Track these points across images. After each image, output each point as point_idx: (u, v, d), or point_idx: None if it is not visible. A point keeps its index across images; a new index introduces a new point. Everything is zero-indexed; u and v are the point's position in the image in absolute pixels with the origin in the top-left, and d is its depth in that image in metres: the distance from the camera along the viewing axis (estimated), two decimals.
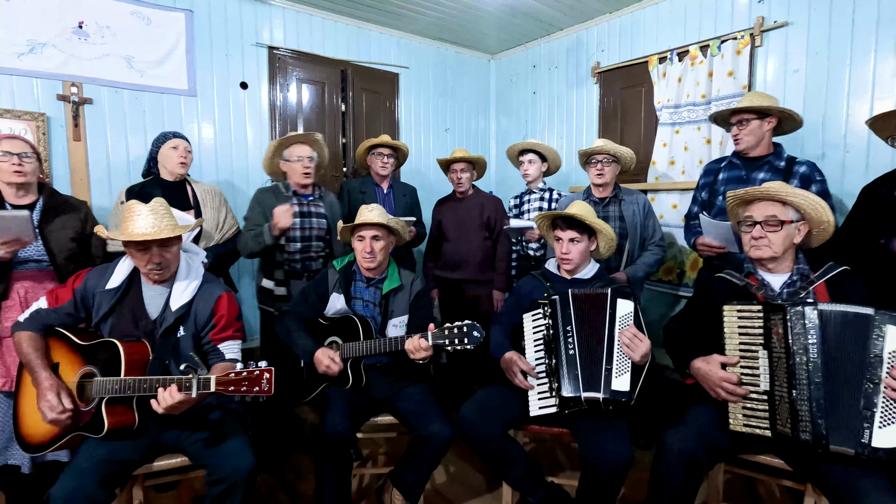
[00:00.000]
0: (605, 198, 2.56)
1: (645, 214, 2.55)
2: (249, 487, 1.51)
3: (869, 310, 1.38)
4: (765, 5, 2.71)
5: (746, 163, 2.23)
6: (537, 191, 2.94)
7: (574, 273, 2.00)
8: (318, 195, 2.49)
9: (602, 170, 2.50)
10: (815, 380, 1.39)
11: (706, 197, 2.36)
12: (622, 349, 1.69)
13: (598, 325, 1.75)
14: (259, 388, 1.36)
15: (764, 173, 2.16)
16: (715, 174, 2.34)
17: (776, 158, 2.17)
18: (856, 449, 1.33)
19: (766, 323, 1.49)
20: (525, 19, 3.58)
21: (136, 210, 1.58)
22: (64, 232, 1.97)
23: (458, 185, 2.92)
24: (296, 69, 3.36)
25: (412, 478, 1.87)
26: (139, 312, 1.64)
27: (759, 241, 1.62)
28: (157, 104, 2.90)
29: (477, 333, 1.71)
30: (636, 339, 1.67)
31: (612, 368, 1.68)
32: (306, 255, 2.42)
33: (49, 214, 1.96)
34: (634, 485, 2.16)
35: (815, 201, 1.61)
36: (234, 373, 1.37)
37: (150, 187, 2.27)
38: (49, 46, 2.57)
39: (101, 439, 1.49)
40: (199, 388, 1.37)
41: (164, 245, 1.59)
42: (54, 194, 2.05)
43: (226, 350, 1.65)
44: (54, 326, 1.64)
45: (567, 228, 1.96)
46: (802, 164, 2.13)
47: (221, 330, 1.66)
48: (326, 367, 1.83)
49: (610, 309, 1.74)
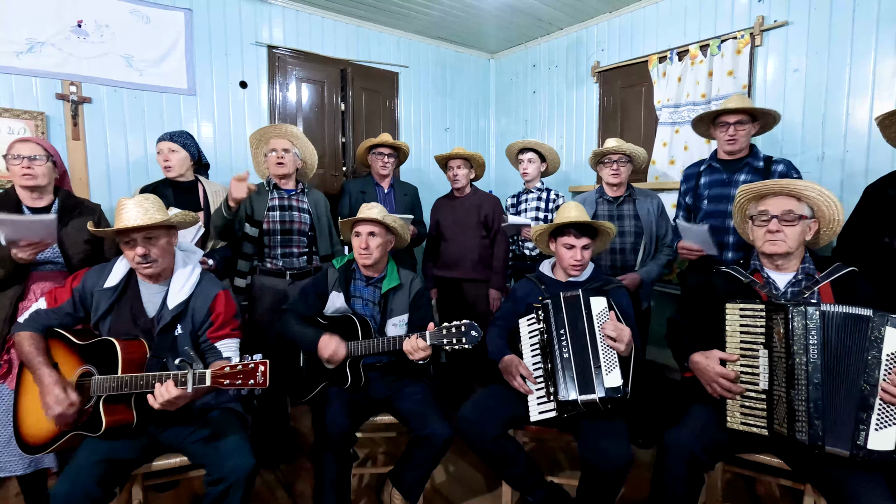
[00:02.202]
0: (619, 197, 2.57)
1: (659, 214, 2.57)
2: (249, 487, 1.50)
3: (867, 311, 1.37)
4: (765, 5, 2.71)
5: (726, 165, 2.26)
6: (535, 190, 2.94)
7: (569, 275, 2.01)
8: (300, 189, 2.48)
9: (618, 170, 2.51)
10: (814, 380, 1.39)
11: (690, 202, 2.38)
12: (605, 343, 1.70)
13: (582, 327, 1.75)
14: (254, 380, 1.35)
15: (745, 174, 2.19)
16: (696, 178, 2.37)
17: (754, 159, 2.20)
18: (851, 451, 1.33)
19: (768, 322, 1.48)
20: (525, 18, 3.58)
21: (122, 204, 1.58)
22: (80, 234, 1.97)
23: (454, 181, 2.92)
24: (295, 68, 3.36)
25: (411, 477, 1.86)
26: (137, 311, 1.64)
27: (776, 235, 1.60)
28: (157, 103, 2.89)
29: (475, 333, 1.71)
30: (616, 328, 1.68)
31: (602, 366, 1.68)
32: (287, 249, 2.41)
33: (65, 217, 1.96)
34: (634, 484, 2.16)
35: (830, 198, 1.61)
36: (228, 366, 1.37)
37: (163, 187, 2.31)
38: (48, 45, 2.56)
39: (99, 438, 1.49)
40: (194, 382, 1.37)
41: (148, 236, 1.58)
42: (70, 196, 2.06)
43: (223, 348, 1.65)
44: (54, 327, 1.64)
45: (581, 235, 1.94)
46: (779, 162, 2.16)
47: (219, 328, 1.66)
48: (333, 351, 1.81)
49: (585, 309, 1.76)
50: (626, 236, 2.56)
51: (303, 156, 2.52)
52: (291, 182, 2.47)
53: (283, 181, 2.44)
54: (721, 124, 2.22)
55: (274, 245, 2.38)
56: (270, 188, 2.43)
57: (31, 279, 1.91)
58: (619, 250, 2.57)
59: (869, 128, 2.40)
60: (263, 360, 1.37)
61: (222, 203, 2.20)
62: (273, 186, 2.44)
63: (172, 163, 2.31)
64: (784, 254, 1.61)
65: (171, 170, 2.32)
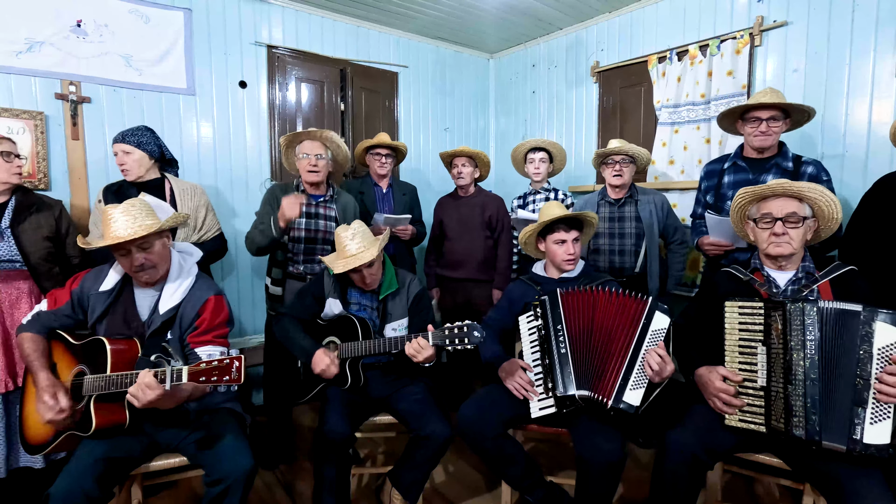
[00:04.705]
0: (621, 198, 2.56)
1: (665, 214, 2.55)
2: (247, 487, 1.50)
3: (857, 306, 1.39)
4: (764, 5, 2.71)
5: (752, 164, 2.15)
6: (542, 191, 2.94)
7: (562, 272, 2.02)
8: (330, 196, 2.40)
9: (620, 171, 2.50)
10: (811, 376, 1.40)
11: (712, 201, 2.29)
12: (645, 367, 1.63)
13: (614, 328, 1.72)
14: (229, 376, 1.33)
15: (772, 175, 2.08)
16: (718, 176, 2.27)
17: (783, 159, 2.10)
18: (847, 445, 1.34)
19: (766, 319, 1.49)
20: (524, 18, 3.58)
21: (110, 214, 1.55)
22: (38, 231, 1.94)
23: (458, 179, 2.90)
24: (295, 68, 3.35)
25: (411, 477, 1.87)
26: (130, 315, 1.64)
27: (781, 237, 1.60)
28: (156, 103, 2.89)
29: (477, 333, 1.70)
30: (661, 363, 1.60)
31: (630, 380, 1.63)
32: (309, 257, 2.36)
33: (21, 214, 1.93)
34: (634, 484, 2.16)
35: (831, 198, 1.62)
36: (204, 363, 1.34)
37: (127, 187, 2.21)
38: (47, 45, 2.56)
39: (91, 438, 1.48)
40: (172, 379, 1.34)
41: (143, 246, 1.56)
42: (27, 193, 2.02)
43: (203, 355, 1.58)
44: (55, 328, 1.64)
45: (571, 229, 1.98)
46: (809, 163, 2.08)
47: (201, 334, 1.62)
48: (324, 368, 1.82)
49: (644, 319, 1.68)
50: (627, 238, 2.55)
51: (336, 159, 2.45)
52: (322, 187, 2.40)
53: (314, 187, 2.38)
54: (752, 119, 2.07)
55: (297, 252, 2.34)
56: (300, 193, 2.34)
57: None
58: (618, 252, 2.56)
59: (868, 127, 2.40)
60: (238, 355, 1.36)
61: (271, 223, 2.15)
62: (302, 191, 2.36)
63: (128, 165, 2.16)
64: (789, 255, 1.62)
65: (129, 173, 2.17)
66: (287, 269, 2.36)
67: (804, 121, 2.15)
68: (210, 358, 1.38)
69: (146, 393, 1.34)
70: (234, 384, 1.35)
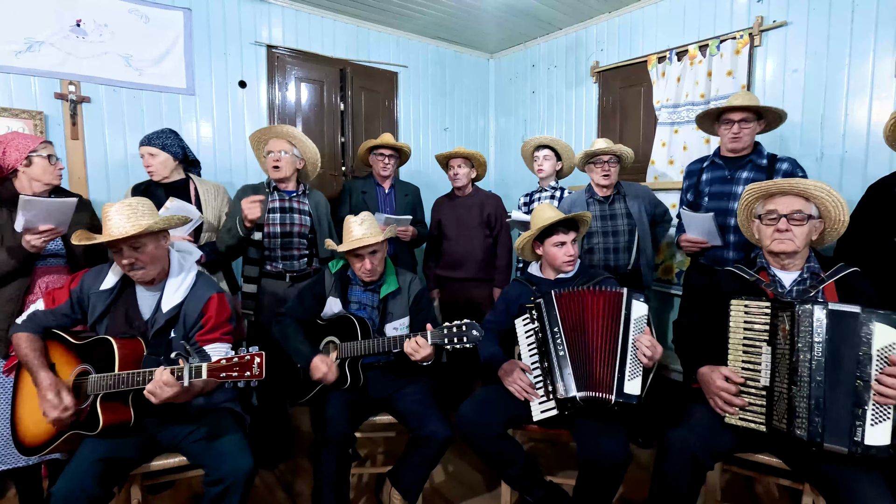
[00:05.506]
0: (609, 196, 2.57)
1: (654, 205, 2.60)
2: (247, 487, 1.50)
3: (856, 308, 1.39)
4: (764, 5, 2.71)
5: (729, 162, 2.25)
6: (548, 189, 2.94)
7: (559, 273, 2.02)
8: (301, 191, 2.46)
9: (608, 170, 2.51)
10: (817, 378, 1.40)
11: (691, 198, 2.38)
12: (637, 354, 1.68)
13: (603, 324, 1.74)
14: (250, 372, 1.35)
15: (747, 172, 2.18)
16: (697, 175, 2.36)
17: (758, 157, 2.19)
18: (849, 448, 1.34)
19: (772, 319, 1.49)
20: (524, 18, 3.58)
21: (106, 212, 1.56)
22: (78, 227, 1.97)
23: (455, 180, 2.91)
24: (294, 68, 3.35)
25: (411, 477, 1.86)
26: (132, 313, 1.64)
27: (784, 234, 1.61)
28: (156, 103, 2.89)
29: (476, 332, 1.70)
30: (652, 346, 1.66)
31: (626, 371, 1.66)
32: (287, 252, 2.39)
33: None
34: (634, 484, 2.16)
35: (837, 198, 1.62)
36: (224, 359, 1.36)
37: (154, 187, 2.29)
38: (47, 45, 2.56)
39: (97, 437, 1.48)
40: (191, 375, 1.36)
41: (135, 245, 1.56)
42: (62, 191, 2.06)
43: (212, 352, 1.60)
44: (51, 328, 1.63)
45: (569, 231, 1.98)
46: (784, 160, 2.15)
47: (208, 332, 1.64)
48: (323, 375, 1.82)
49: (625, 311, 1.73)
50: (620, 235, 2.56)
51: (303, 156, 2.49)
52: (292, 183, 2.44)
53: (283, 183, 2.42)
54: (725, 122, 2.20)
55: (274, 248, 2.37)
56: (271, 190, 2.41)
57: (35, 273, 1.91)
58: (612, 249, 2.57)
59: (868, 128, 2.40)
60: (259, 352, 1.37)
61: (237, 222, 2.18)
62: (273, 188, 2.42)
63: (153, 167, 2.26)
64: (791, 252, 1.62)
65: (155, 174, 2.27)
66: (264, 267, 2.38)
67: (777, 123, 2.23)
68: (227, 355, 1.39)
69: (164, 390, 1.38)
70: (254, 380, 1.36)
